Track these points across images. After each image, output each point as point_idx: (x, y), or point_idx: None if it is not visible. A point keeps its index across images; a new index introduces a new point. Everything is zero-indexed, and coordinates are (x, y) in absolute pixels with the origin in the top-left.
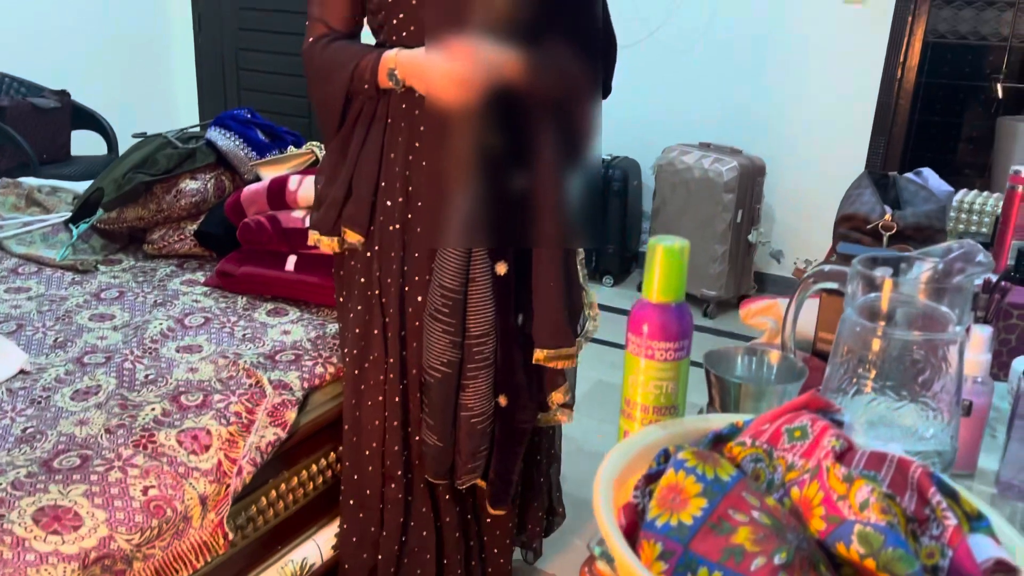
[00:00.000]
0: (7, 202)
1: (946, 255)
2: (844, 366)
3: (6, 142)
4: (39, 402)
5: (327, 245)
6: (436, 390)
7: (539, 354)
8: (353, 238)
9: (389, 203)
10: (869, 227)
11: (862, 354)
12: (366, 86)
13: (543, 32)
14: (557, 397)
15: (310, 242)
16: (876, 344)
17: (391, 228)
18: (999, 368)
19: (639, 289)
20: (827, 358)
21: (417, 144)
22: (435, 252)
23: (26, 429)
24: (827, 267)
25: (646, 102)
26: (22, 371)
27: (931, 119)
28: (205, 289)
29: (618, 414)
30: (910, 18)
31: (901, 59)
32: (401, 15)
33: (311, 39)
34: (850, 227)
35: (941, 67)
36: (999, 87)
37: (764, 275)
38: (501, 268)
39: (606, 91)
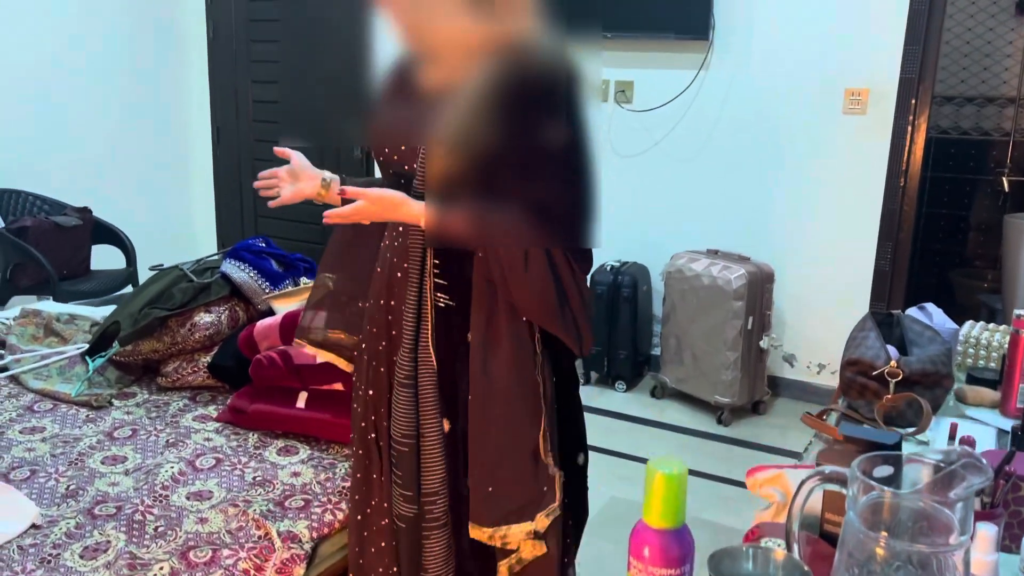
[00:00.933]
0: (26, 333)
1: (947, 460)
2: (849, 571)
3: (28, 261)
4: (49, 561)
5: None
6: (401, 542)
7: (471, 528)
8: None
9: (376, 345)
10: (875, 373)
11: (866, 560)
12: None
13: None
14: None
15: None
16: (879, 552)
17: (381, 370)
18: (1010, 540)
19: (652, 394)
20: (834, 541)
21: (396, 290)
22: None
23: None
24: (827, 468)
25: (653, 209)
26: (33, 525)
27: (938, 211)
28: (217, 425)
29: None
30: (910, 117)
31: (903, 167)
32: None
33: None
34: (856, 371)
35: (946, 161)
36: (1005, 181)
37: (778, 379)
38: (444, 424)
39: (581, 255)
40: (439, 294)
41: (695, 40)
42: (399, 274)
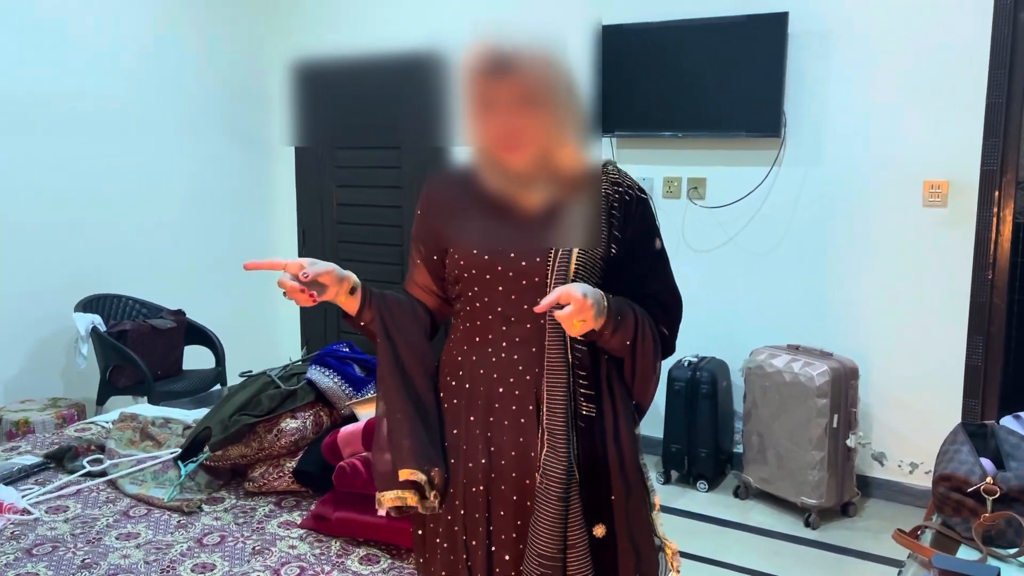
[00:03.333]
0: (123, 437)
1: None
2: None
3: (126, 363)
4: None
5: (390, 501)
6: None
7: None
8: (409, 500)
9: (471, 464)
10: (970, 490)
11: None
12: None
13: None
14: None
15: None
16: None
17: (474, 490)
18: None
19: (735, 494)
20: None
21: (497, 406)
22: (522, 510)
23: None
24: None
25: (730, 304)
26: None
27: None
28: (301, 532)
29: None
30: (995, 209)
31: (990, 259)
32: (475, 288)
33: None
34: (949, 487)
35: None
36: None
37: (868, 479)
38: (599, 530)
39: (669, 349)
40: (584, 403)
41: (767, 137)
42: (501, 389)
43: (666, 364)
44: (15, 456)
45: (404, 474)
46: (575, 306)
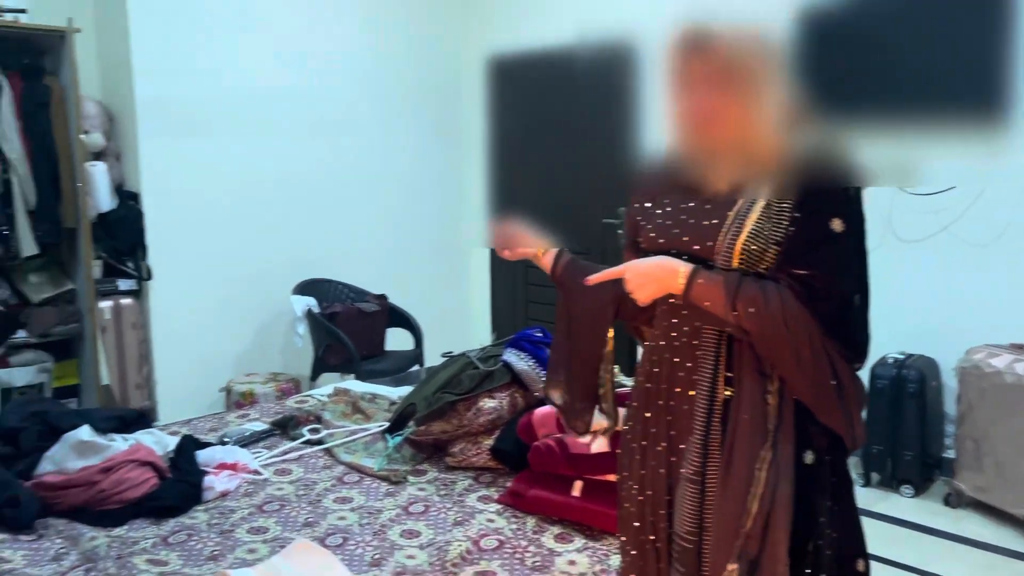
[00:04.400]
0: (337, 410)
1: None
2: None
3: (337, 342)
4: None
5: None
6: None
7: None
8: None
9: (659, 447)
10: None
11: None
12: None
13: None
14: None
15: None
16: None
17: (660, 472)
18: None
19: (946, 502)
20: None
21: (678, 390)
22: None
23: None
24: None
25: (941, 298)
26: None
27: None
28: (498, 507)
29: None
30: None
31: None
32: None
33: None
34: None
35: None
36: None
37: None
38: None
39: (857, 351)
40: (728, 387)
41: (989, 116)
42: (682, 373)
43: (868, 361)
44: (246, 422)
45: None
46: (625, 273)
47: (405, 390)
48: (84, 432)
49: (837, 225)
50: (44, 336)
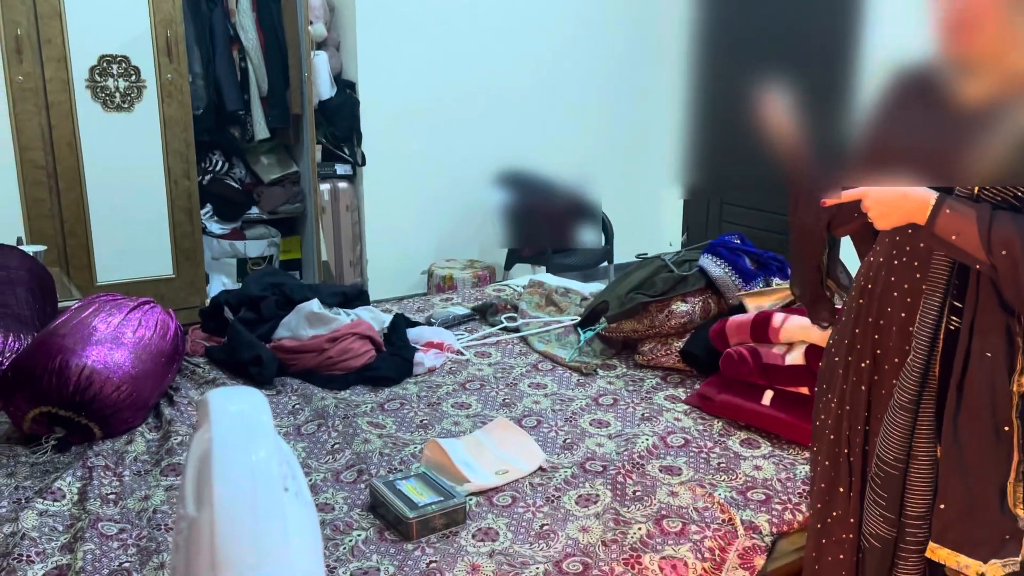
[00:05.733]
0: (532, 300)
1: None
2: None
3: (531, 231)
4: (552, 501)
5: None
6: (868, 559)
7: (931, 548)
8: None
9: (863, 364)
10: None
11: None
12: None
13: None
14: None
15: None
16: None
17: (862, 388)
18: None
19: None
20: None
21: (889, 309)
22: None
23: (543, 526)
24: None
25: None
26: (540, 468)
27: None
28: (685, 408)
29: None
30: None
31: None
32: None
33: None
34: None
35: None
36: None
37: None
38: (939, 450)
39: None
40: (952, 317)
41: None
42: (896, 294)
43: None
44: (450, 306)
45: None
46: (866, 200)
47: (596, 286)
48: (315, 304)
49: None
50: (273, 213)
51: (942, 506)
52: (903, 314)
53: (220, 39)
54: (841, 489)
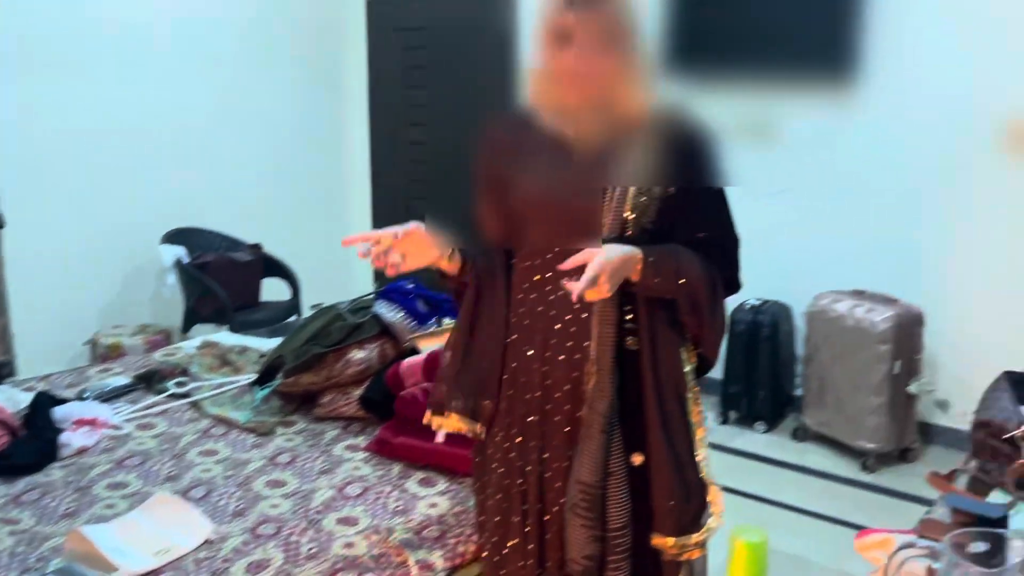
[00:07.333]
0: (205, 363)
1: None
2: None
3: (208, 293)
4: (219, 574)
5: (451, 425)
6: None
7: (655, 538)
8: (453, 426)
9: (528, 396)
10: (1006, 436)
11: None
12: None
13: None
14: None
15: (430, 423)
16: None
17: (530, 420)
18: None
19: (794, 436)
20: None
21: (553, 341)
22: (573, 439)
23: None
24: (922, 542)
25: (795, 247)
26: (207, 540)
27: None
28: (365, 455)
29: None
30: None
31: None
32: (534, 227)
33: None
34: (987, 434)
35: None
36: None
37: (930, 426)
38: (637, 459)
39: (734, 286)
40: (629, 338)
41: (839, 75)
42: (558, 326)
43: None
44: (109, 377)
45: (455, 406)
46: (593, 270)
47: (278, 342)
48: None
49: (714, 185)
50: None
51: (672, 503)
52: (569, 343)
53: None
54: (515, 519)
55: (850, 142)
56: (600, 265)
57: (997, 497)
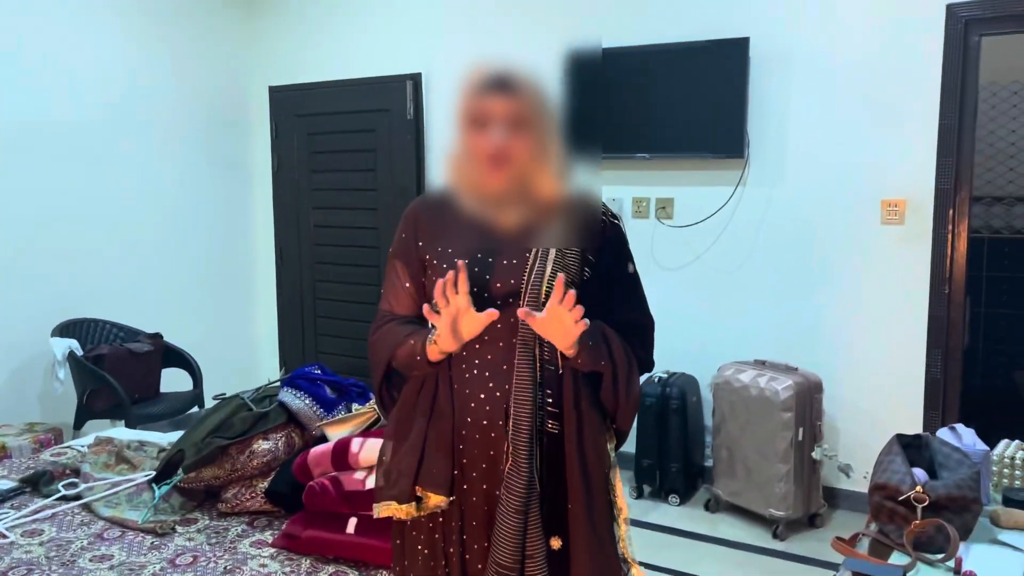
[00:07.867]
0: (99, 461)
1: None
2: None
3: (104, 387)
4: None
5: (406, 512)
6: None
7: None
8: (437, 500)
9: (452, 475)
10: (901, 498)
11: None
12: (417, 357)
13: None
14: None
15: (382, 514)
16: None
17: (465, 504)
18: None
19: (706, 507)
20: None
21: (469, 420)
22: (491, 520)
23: None
24: None
25: (699, 320)
26: None
27: (998, 311)
28: (272, 551)
29: None
30: (949, 226)
31: (947, 274)
32: None
33: (374, 324)
34: (883, 496)
35: (1001, 260)
36: None
37: (835, 490)
38: (555, 543)
39: (648, 366)
40: (550, 421)
41: (731, 158)
42: (473, 404)
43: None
44: None
45: (421, 491)
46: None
47: (178, 435)
48: None
49: (630, 267)
50: None
51: None
52: (484, 422)
53: None
54: None
55: (744, 219)
56: (569, 335)
57: (897, 559)
